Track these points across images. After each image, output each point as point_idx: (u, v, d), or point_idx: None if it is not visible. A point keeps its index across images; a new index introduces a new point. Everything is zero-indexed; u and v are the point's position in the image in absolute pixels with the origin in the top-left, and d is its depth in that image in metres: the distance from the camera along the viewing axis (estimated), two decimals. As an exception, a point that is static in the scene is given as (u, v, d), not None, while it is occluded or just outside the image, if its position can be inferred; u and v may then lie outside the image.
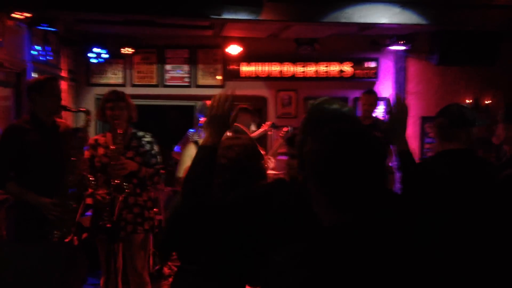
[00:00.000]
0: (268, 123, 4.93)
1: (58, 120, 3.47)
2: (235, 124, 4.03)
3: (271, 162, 4.56)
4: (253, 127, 4.52)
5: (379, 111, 6.58)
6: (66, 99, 5.43)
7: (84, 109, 3.42)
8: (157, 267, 4.86)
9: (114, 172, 3.28)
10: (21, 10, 4.12)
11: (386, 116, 2.05)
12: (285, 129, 4.90)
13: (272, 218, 1.74)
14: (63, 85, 5.60)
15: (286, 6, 4.48)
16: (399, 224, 1.23)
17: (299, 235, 1.36)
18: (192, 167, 1.82)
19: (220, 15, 4.20)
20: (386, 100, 2.07)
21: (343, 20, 4.52)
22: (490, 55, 5.64)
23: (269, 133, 5.16)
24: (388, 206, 1.25)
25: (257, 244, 2.15)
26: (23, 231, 3.32)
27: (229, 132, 4.08)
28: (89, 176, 3.33)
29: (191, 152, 3.55)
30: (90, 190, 3.35)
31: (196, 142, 3.65)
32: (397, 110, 1.99)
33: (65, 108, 3.64)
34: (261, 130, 4.83)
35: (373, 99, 5.16)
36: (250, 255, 2.17)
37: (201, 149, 1.83)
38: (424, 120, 6.21)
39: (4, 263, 2.74)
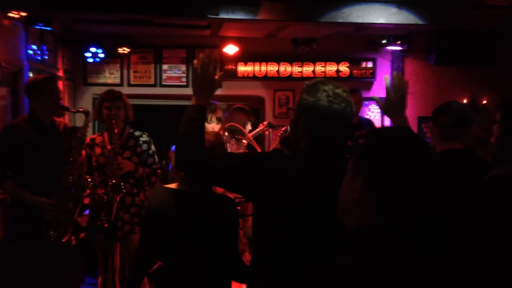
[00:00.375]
0: (264, 122, 4.92)
1: (57, 119, 3.46)
2: (230, 123, 4.03)
3: None
4: (248, 127, 4.52)
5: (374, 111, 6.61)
6: (63, 98, 5.42)
7: (83, 110, 3.41)
8: (154, 267, 4.85)
9: (111, 172, 3.28)
10: (18, 9, 4.11)
11: (385, 94, 2.02)
12: (283, 128, 4.90)
13: None
14: (60, 84, 5.58)
15: (284, 6, 4.48)
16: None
17: None
18: (182, 126, 1.77)
19: (217, 15, 4.20)
20: (385, 78, 2.05)
21: (340, 20, 4.52)
22: (487, 55, 5.65)
23: (266, 132, 5.15)
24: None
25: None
26: (20, 231, 3.31)
27: (226, 132, 4.09)
28: (87, 176, 3.33)
29: None
30: (87, 191, 3.34)
31: None
32: (395, 87, 1.96)
33: (64, 109, 3.63)
34: (257, 129, 4.83)
35: (357, 98, 5.01)
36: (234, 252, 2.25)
37: (189, 108, 1.80)
38: (421, 120, 6.22)
39: (0, 263, 2.73)
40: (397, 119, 1.96)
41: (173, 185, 2.30)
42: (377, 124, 6.09)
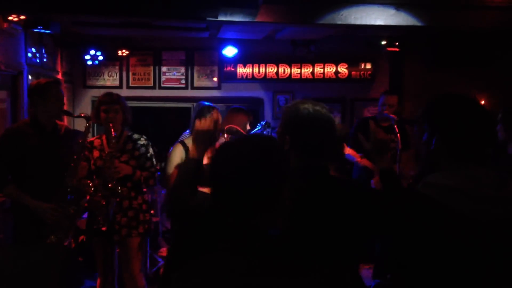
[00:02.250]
0: (262, 122, 4.92)
1: (59, 123, 3.46)
2: (230, 125, 4.04)
3: None
4: (248, 127, 4.52)
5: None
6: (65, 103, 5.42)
7: (85, 115, 3.40)
8: (154, 270, 4.86)
9: (108, 176, 3.28)
10: (17, 12, 4.12)
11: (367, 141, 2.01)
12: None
13: None
14: (59, 87, 5.58)
15: (282, 8, 4.48)
16: None
17: None
18: (178, 176, 1.97)
19: (216, 17, 4.20)
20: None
21: (339, 22, 4.53)
22: (485, 57, 5.66)
23: (264, 132, 5.16)
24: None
25: None
26: (21, 234, 3.31)
27: (225, 134, 4.09)
28: (88, 181, 3.32)
29: (178, 152, 3.59)
30: (87, 196, 3.34)
31: (182, 142, 3.68)
32: (376, 142, 1.95)
33: (67, 114, 3.63)
34: (255, 130, 4.82)
35: (394, 100, 4.79)
36: None
37: (189, 160, 2.01)
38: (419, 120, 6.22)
39: (0, 266, 2.74)
40: (379, 163, 1.93)
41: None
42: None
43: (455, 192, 1.52)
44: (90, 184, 3.30)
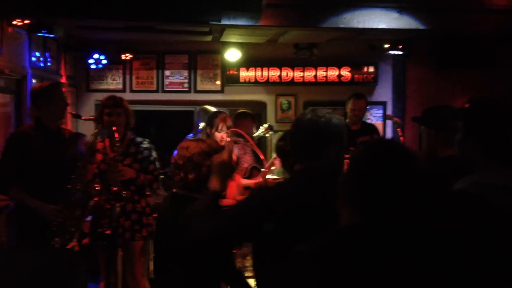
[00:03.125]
0: (265, 125, 4.92)
1: (64, 127, 3.48)
2: (232, 129, 4.05)
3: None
4: (254, 131, 4.54)
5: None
6: (70, 104, 5.45)
7: (94, 117, 3.43)
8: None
9: (112, 180, 3.29)
10: (22, 17, 4.14)
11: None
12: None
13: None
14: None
15: (285, 12, 4.50)
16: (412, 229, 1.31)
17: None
18: (197, 207, 1.98)
19: (219, 21, 4.21)
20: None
21: (341, 26, 4.54)
22: (488, 59, 5.65)
23: (266, 135, 5.16)
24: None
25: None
26: (25, 237, 3.33)
27: (228, 137, 4.10)
28: (94, 184, 3.33)
29: None
30: (95, 198, 3.36)
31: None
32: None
33: (77, 116, 3.65)
34: (258, 132, 4.83)
35: (363, 104, 4.97)
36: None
37: (209, 193, 2.01)
38: (420, 122, 6.21)
39: (5, 269, 2.74)
40: None
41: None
42: (380, 128, 6.09)
43: (506, 191, 1.57)
44: (97, 187, 3.32)
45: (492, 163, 1.63)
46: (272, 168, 3.86)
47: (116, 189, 3.25)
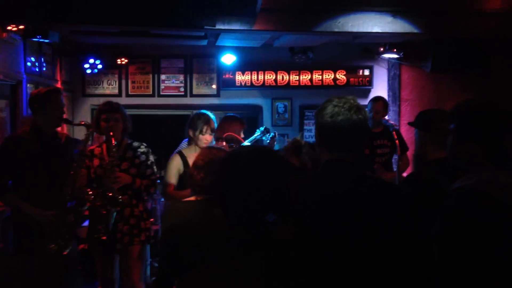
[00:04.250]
0: (261, 128, 4.94)
1: (60, 132, 3.48)
2: (228, 133, 4.06)
3: None
4: (242, 134, 4.54)
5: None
6: (65, 112, 5.44)
7: (85, 123, 3.43)
8: (154, 278, 4.85)
9: (109, 185, 3.29)
10: (16, 22, 4.14)
11: None
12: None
13: None
14: (59, 96, 5.60)
15: (279, 16, 4.52)
16: None
17: None
18: None
19: (214, 26, 4.23)
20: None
21: (336, 30, 4.56)
22: (482, 62, 5.68)
23: (263, 138, 5.17)
24: None
25: None
26: (21, 243, 3.32)
27: (224, 142, 4.11)
28: (88, 189, 3.33)
29: (176, 162, 3.64)
30: (88, 204, 3.35)
31: (180, 152, 3.71)
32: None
33: (67, 122, 3.65)
34: (255, 136, 4.84)
35: (380, 106, 4.95)
36: None
37: None
38: (414, 125, 6.23)
39: (1, 275, 2.74)
40: None
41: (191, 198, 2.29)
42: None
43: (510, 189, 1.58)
44: (90, 192, 3.31)
45: (490, 165, 1.65)
46: None
47: (111, 194, 3.24)
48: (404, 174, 5.02)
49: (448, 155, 1.80)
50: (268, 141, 4.90)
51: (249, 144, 4.26)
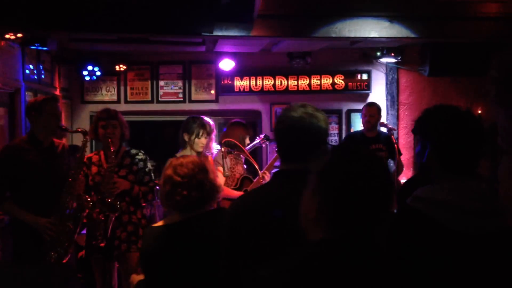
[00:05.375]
0: (261, 135, 4.95)
1: (56, 140, 3.49)
2: (227, 139, 4.05)
3: (267, 177, 4.57)
4: (247, 141, 4.54)
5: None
6: (62, 120, 5.45)
7: (82, 130, 3.43)
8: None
9: (107, 191, 3.29)
10: (14, 30, 4.15)
11: None
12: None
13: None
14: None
15: (277, 22, 4.53)
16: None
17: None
18: None
19: (211, 33, 4.24)
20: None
21: (333, 35, 4.57)
22: (481, 66, 5.69)
23: (262, 145, 5.18)
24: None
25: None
26: (20, 252, 3.32)
27: (223, 147, 4.11)
28: (86, 196, 3.34)
29: None
30: (86, 211, 3.35)
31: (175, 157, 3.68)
32: None
33: (63, 129, 3.66)
34: (254, 143, 4.85)
35: (374, 111, 5.11)
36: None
37: None
38: (414, 130, 6.25)
39: (0, 284, 2.74)
40: None
41: (160, 223, 2.25)
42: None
43: (443, 206, 1.53)
44: (89, 199, 3.32)
45: (446, 173, 1.59)
46: (262, 181, 3.85)
47: (110, 200, 3.25)
48: (400, 178, 5.05)
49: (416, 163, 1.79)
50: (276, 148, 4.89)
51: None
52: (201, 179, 2.16)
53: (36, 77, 5.05)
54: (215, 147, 4.32)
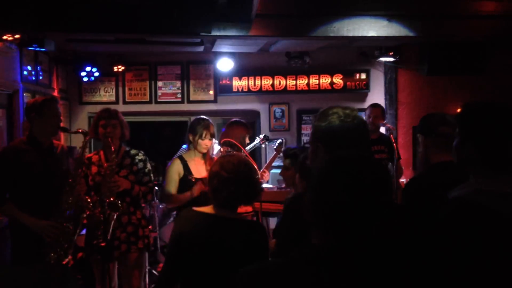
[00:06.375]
0: (260, 136, 4.95)
1: (55, 141, 3.48)
2: (226, 139, 4.05)
3: (266, 176, 4.57)
4: (247, 140, 4.54)
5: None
6: (62, 120, 5.44)
7: (82, 131, 3.43)
8: (153, 286, 4.83)
9: (108, 190, 3.28)
10: (12, 32, 4.14)
11: None
12: (278, 141, 4.93)
13: None
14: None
15: (275, 22, 4.53)
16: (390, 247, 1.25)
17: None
18: None
19: (209, 33, 4.24)
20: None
21: (331, 34, 4.57)
22: (479, 64, 5.70)
23: (262, 145, 5.18)
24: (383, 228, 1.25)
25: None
26: (20, 253, 3.31)
27: (222, 147, 4.10)
28: (86, 197, 3.33)
29: (176, 167, 3.59)
30: (87, 212, 3.35)
31: (180, 157, 3.69)
32: None
33: (64, 130, 3.65)
34: (254, 143, 4.85)
35: (378, 112, 5.05)
36: None
37: None
38: (416, 129, 6.25)
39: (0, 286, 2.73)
40: None
41: (205, 209, 2.30)
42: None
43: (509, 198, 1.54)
44: (89, 200, 3.31)
45: (488, 170, 1.61)
46: (261, 181, 3.85)
47: (111, 199, 3.24)
48: (401, 180, 5.04)
49: (454, 158, 1.78)
50: (275, 147, 4.90)
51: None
52: (247, 175, 2.24)
53: (34, 78, 5.04)
54: (215, 147, 4.32)
